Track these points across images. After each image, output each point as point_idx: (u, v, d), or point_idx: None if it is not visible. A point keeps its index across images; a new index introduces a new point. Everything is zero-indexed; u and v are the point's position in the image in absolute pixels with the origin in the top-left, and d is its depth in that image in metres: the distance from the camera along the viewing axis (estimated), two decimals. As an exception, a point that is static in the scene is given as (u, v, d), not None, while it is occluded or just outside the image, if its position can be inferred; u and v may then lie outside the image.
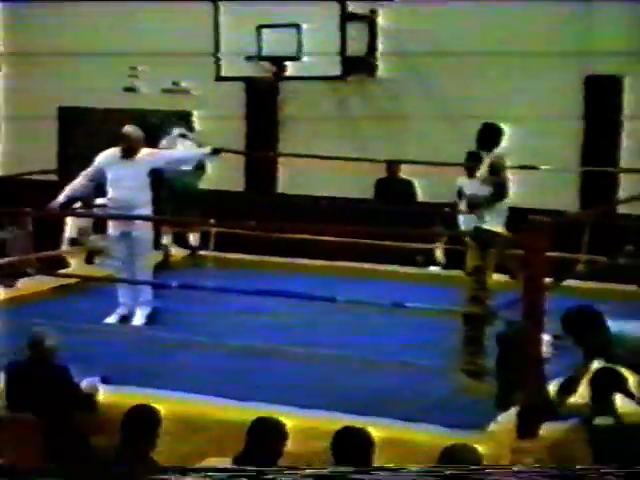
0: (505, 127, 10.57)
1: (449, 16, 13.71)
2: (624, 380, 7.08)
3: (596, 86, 13.42)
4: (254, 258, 11.95)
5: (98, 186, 10.10)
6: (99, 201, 10.55)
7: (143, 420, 6.44)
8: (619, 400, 6.88)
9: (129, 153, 9.94)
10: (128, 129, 10.03)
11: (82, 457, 6.64)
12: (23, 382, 7.43)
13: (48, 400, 7.20)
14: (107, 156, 10.05)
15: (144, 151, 10.04)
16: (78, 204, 10.55)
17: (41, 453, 6.85)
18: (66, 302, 10.24)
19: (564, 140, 13.04)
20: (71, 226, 11.91)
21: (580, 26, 13.16)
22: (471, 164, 12.60)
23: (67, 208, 10.68)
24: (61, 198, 10.04)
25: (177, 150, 11.48)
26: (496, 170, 10.36)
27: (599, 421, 6.83)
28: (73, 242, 11.58)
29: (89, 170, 10.04)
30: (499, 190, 9.55)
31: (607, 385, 6.96)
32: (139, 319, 9.95)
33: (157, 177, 10.94)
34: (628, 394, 7.01)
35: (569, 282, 8.78)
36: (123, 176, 9.84)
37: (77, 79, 15.25)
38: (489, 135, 10.79)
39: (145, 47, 14.66)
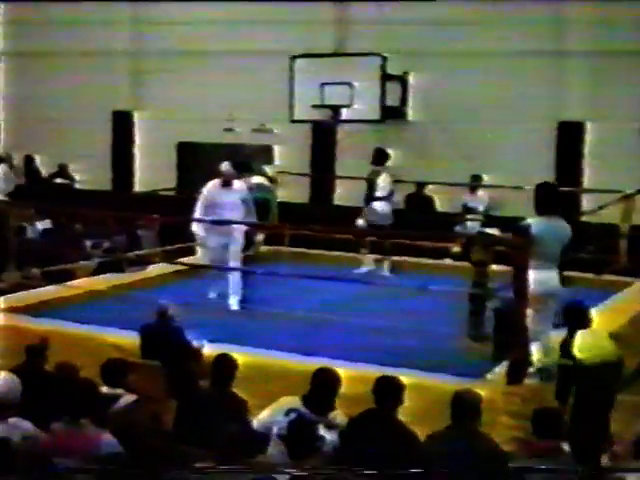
0: (390, 152, 11.72)
1: (459, 79, 13.70)
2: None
3: (566, 129, 13.44)
4: (317, 252, 11.90)
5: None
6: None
7: (223, 363, 6.46)
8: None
9: (227, 184, 9.80)
10: (225, 167, 9.82)
11: (192, 392, 6.64)
12: (152, 339, 7.48)
13: (169, 352, 7.23)
14: (211, 186, 9.86)
15: (237, 182, 9.93)
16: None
17: (164, 389, 6.85)
18: (181, 282, 10.25)
19: (543, 167, 12.95)
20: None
21: (555, 90, 13.26)
22: (474, 184, 12.69)
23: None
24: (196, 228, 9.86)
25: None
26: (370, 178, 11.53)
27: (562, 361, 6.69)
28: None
29: (203, 201, 9.78)
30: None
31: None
32: (235, 305, 9.62)
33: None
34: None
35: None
36: (224, 201, 9.70)
37: (191, 123, 15.35)
38: (379, 156, 11.58)
39: (240, 99, 14.79)
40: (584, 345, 6.56)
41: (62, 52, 16.20)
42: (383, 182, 11.43)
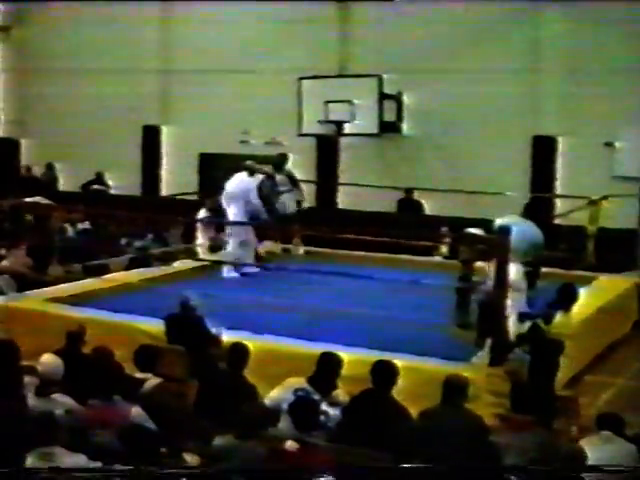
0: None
1: (447, 99, 13.66)
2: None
3: (540, 142, 13.40)
4: (323, 250, 11.74)
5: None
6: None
7: (237, 350, 6.46)
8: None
9: None
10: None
11: (212, 374, 6.62)
12: (176, 327, 7.44)
13: (191, 338, 7.20)
14: None
15: None
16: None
17: (186, 371, 6.83)
18: (201, 276, 10.18)
19: (520, 176, 12.95)
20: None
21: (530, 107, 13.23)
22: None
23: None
24: None
25: None
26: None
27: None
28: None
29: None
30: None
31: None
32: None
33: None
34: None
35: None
36: None
37: (211, 136, 15.36)
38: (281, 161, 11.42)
39: (255, 115, 14.78)
40: (560, 322, 6.86)
41: (105, 70, 16.13)
42: None
